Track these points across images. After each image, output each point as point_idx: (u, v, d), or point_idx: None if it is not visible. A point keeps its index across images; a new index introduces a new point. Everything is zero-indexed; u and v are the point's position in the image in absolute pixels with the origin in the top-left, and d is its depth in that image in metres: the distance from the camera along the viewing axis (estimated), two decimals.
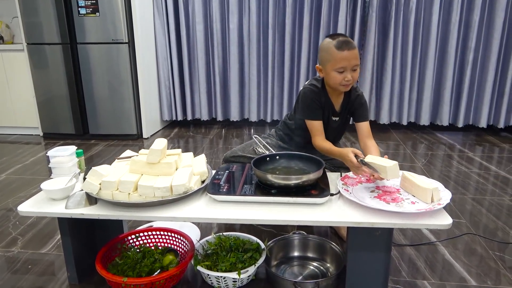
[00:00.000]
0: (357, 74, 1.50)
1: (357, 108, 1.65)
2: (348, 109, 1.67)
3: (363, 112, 1.65)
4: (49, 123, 3.47)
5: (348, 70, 1.48)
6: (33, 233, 1.82)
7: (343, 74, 1.48)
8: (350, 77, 1.48)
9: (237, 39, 3.54)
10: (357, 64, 1.48)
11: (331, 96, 1.63)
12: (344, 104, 1.65)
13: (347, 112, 1.68)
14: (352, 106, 1.66)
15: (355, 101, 1.65)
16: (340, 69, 1.48)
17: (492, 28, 3.22)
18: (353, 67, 1.48)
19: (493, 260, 1.57)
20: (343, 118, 1.70)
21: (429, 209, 1.19)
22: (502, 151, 3.01)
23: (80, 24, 3.16)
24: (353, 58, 1.46)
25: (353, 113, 1.68)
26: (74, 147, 1.63)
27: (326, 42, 1.51)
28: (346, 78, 1.48)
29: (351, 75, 1.48)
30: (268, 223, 1.24)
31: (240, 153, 1.78)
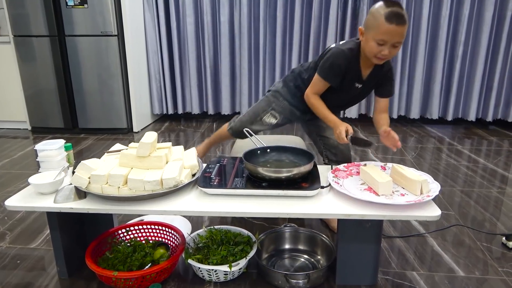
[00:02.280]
0: (396, 51, 1.42)
1: (385, 82, 1.59)
2: (376, 81, 1.60)
3: (389, 88, 1.60)
4: (38, 117, 3.42)
5: (388, 44, 1.38)
6: (21, 228, 1.80)
7: (381, 47, 1.39)
8: (387, 53, 1.40)
9: (228, 32, 3.51)
10: (400, 41, 1.38)
11: (362, 62, 1.54)
12: (373, 75, 1.57)
13: (373, 83, 1.61)
14: (380, 79, 1.59)
15: (385, 74, 1.58)
16: (381, 41, 1.38)
17: (482, 22, 3.25)
18: (395, 43, 1.38)
19: (480, 251, 1.60)
20: (366, 88, 1.62)
21: (418, 201, 1.20)
22: (490, 144, 3.05)
23: (68, 16, 3.11)
24: (399, 35, 1.36)
25: (378, 86, 1.61)
26: (62, 140, 1.61)
27: (378, 7, 1.38)
28: (383, 52, 1.40)
29: (389, 50, 1.40)
30: (259, 215, 1.24)
31: (249, 126, 1.71)
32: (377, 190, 1.27)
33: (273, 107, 1.73)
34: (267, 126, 1.76)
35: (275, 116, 1.70)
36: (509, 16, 3.19)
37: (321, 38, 3.44)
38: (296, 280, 1.33)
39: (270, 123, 1.71)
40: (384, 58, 1.43)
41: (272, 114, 1.70)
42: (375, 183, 1.27)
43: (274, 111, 1.71)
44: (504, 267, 1.49)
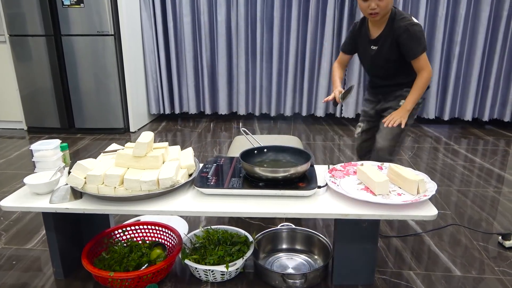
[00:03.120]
0: (384, 3, 1.45)
1: (403, 43, 1.54)
2: (389, 39, 1.57)
3: (407, 50, 1.54)
4: (34, 117, 3.40)
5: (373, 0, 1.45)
6: (17, 229, 1.79)
7: (367, 2, 1.46)
8: (375, 5, 1.45)
9: (225, 31, 3.51)
10: None
11: (370, 25, 1.60)
12: (384, 34, 1.57)
13: (388, 43, 1.58)
14: (395, 38, 1.55)
15: (399, 33, 1.53)
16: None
17: (478, 22, 3.26)
18: None
19: (477, 251, 1.60)
20: (383, 48, 1.60)
21: (415, 201, 1.20)
22: (487, 143, 3.06)
23: (64, 15, 3.09)
24: None
25: (399, 47, 1.57)
26: (58, 140, 1.60)
27: None
28: (371, 6, 1.46)
29: (375, 3, 1.44)
30: (256, 215, 1.24)
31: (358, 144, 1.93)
32: (374, 189, 1.27)
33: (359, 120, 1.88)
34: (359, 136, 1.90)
35: (359, 125, 1.84)
36: (505, 17, 3.20)
37: (318, 38, 3.44)
38: (293, 280, 1.33)
39: (359, 133, 1.86)
40: (375, 12, 1.48)
41: (358, 126, 1.86)
42: (372, 183, 1.27)
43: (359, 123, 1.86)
44: (500, 267, 1.49)
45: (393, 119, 1.55)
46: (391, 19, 1.55)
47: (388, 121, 1.56)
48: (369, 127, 1.82)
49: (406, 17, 1.54)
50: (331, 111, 3.70)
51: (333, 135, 3.30)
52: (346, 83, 3.54)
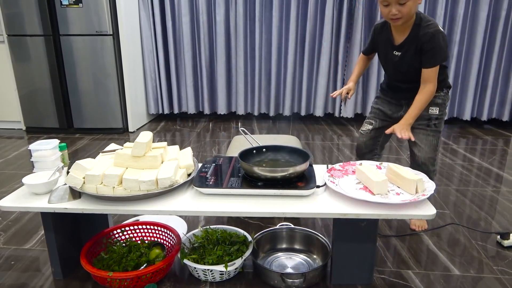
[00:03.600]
0: (407, 8, 1.39)
1: (426, 50, 1.48)
2: (414, 45, 1.51)
3: (427, 57, 1.49)
4: (32, 117, 3.40)
5: (393, 3, 1.39)
6: (16, 229, 1.79)
7: (388, 7, 1.41)
8: (396, 11, 1.39)
9: (224, 31, 3.51)
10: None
11: (393, 29, 1.55)
12: (409, 41, 1.51)
13: (412, 49, 1.52)
14: (419, 44, 1.49)
15: (424, 40, 1.47)
16: (384, 2, 1.41)
17: (476, 21, 3.26)
18: (397, 0, 1.38)
19: (476, 250, 1.60)
20: (406, 55, 1.54)
21: (413, 200, 1.20)
22: (485, 143, 3.07)
23: (62, 15, 3.09)
24: None
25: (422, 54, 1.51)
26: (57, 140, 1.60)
27: None
28: (391, 12, 1.40)
29: (397, 9, 1.39)
30: (255, 215, 1.24)
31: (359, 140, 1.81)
32: (373, 189, 1.27)
33: (367, 117, 1.80)
34: (367, 133, 1.78)
35: (370, 122, 1.76)
36: (503, 16, 3.20)
37: (317, 38, 3.44)
38: (292, 279, 1.33)
39: (367, 129, 1.76)
40: (396, 17, 1.42)
41: (367, 123, 1.77)
42: (371, 182, 1.27)
43: (368, 119, 1.78)
44: (498, 266, 1.50)
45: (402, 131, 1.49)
46: (416, 25, 1.48)
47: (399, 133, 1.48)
48: (382, 126, 1.73)
49: (433, 23, 1.47)
50: (330, 111, 3.70)
51: (332, 135, 3.30)
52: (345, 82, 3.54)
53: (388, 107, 1.73)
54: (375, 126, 1.74)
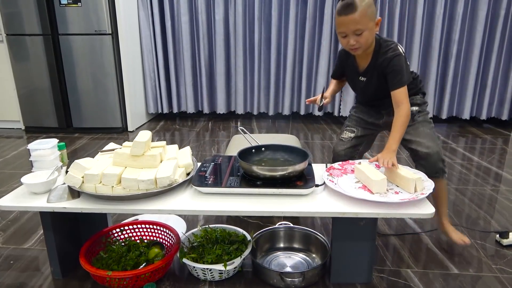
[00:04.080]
0: (363, 39, 1.40)
1: (388, 73, 1.48)
2: (376, 71, 1.52)
3: (391, 80, 1.48)
4: (31, 116, 3.40)
5: (350, 35, 1.39)
6: (15, 228, 1.79)
7: (346, 38, 1.42)
8: (353, 42, 1.40)
9: (223, 31, 3.50)
10: (357, 28, 1.37)
11: (357, 57, 1.56)
12: (371, 66, 1.53)
13: (376, 74, 1.53)
14: (380, 70, 1.51)
15: (384, 65, 1.48)
16: (342, 34, 1.41)
17: (476, 21, 3.26)
18: (354, 31, 1.38)
19: (475, 249, 1.60)
20: (371, 80, 1.55)
21: (412, 199, 1.20)
22: (484, 142, 3.07)
23: (61, 15, 3.08)
24: (351, 23, 1.36)
25: (386, 77, 1.51)
26: (55, 140, 1.60)
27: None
28: (350, 43, 1.41)
29: (354, 39, 1.40)
30: (254, 214, 1.24)
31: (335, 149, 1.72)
32: (372, 188, 1.27)
33: (347, 125, 1.73)
34: (348, 140, 1.69)
35: (351, 130, 1.69)
36: (502, 15, 3.20)
37: (316, 38, 3.44)
38: (291, 278, 1.33)
39: (349, 137, 1.69)
40: (355, 48, 1.43)
41: (348, 130, 1.70)
42: (370, 181, 1.28)
43: (349, 127, 1.71)
44: (497, 264, 1.50)
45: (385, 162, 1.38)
46: (376, 52, 1.50)
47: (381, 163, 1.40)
48: (364, 134, 1.69)
49: (392, 48, 1.47)
50: (329, 110, 3.70)
51: (331, 134, 3.30)
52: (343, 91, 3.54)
53: (368, 115, 1.70)
54: (357, 134, 1.68)
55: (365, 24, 1.37)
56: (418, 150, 1.50)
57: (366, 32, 1.39)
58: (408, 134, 1.53)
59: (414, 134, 1.54)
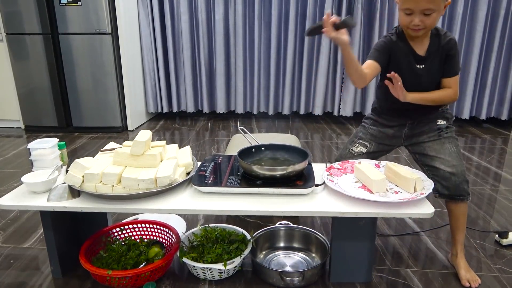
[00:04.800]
0: (431, 20, 1.27)
1: (451, 57, 1.37)
2: (438, 56, 1.38)
3: (451, 66, 1.37)
4: (31, 115, 3.40)
5: (417, 13, 1.26)
6: (15, 227, 1.79)
7: (410, 16, 1.28)
8: (418, 22, 1.27)
9: (223, 30, 3.50)
10: (428, 8, 1.24)
11: (411, 40, 1.38)
12: (432, 51, 1.37)
13: (437, 59, 1.38)
14: (444, 53, 1.37)
15: (448, 47, 1.36)
16: (407, 10, 1.28)
17: (475, 21, 3.26)
18: (423, 10, 1.25)
19: (474, 249, 1.61)
20: (432, 67, 1.38)
21: (412, 199, 1.20)
22: (484, 142, 3.07)
23: (61, 14, 3.08)
24: (425, 2, 1.24)
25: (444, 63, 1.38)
26: (55, 139, 1.60)
27: None
28: (413, 22, 1.28)
29: (420, 19, 1.27)
30: (254, 214, 1.24)
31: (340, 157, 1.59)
32: (371, 188, 1.27)
33: (360, 136, 1.56)
34: (358, 155, 1.54)
35: (364, 144, 1.54)
36: (502, 15, 3.21)
37: (316, 37, 3.44)
38: (291, 278, 1.34)
39: (360, 152, 1.54)
40: (418, 29, 1.30)
41: (360, 144, 1.55)
42: (369, 181, 1.28)
43: (361, 140, 1.55)
44: (497, 264, 1.50)
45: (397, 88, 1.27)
46: (435, 35, 1.37)
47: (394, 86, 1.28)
48: (377, 150, 1.54)
49: (448, 32, 1.38)
50: (329, 110, 3.70)
51: (331, 134, 3.30)
52: (344, 81, 3.55)
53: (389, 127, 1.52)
54: (369, 150, 1.53)
55: (438, 4, 1.25)
56: (441, 168, 1.38)
57: (435, 13, 1.26)
58: (432, 149, 1.43)
59: (439, 151, 1.42)
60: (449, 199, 1.42)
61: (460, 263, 1.44)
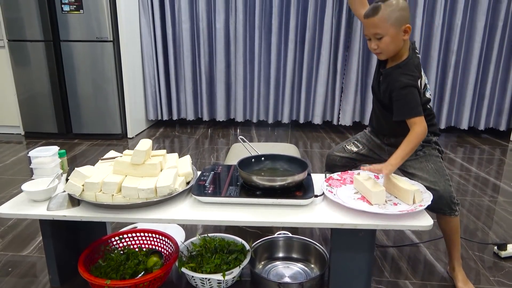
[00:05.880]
0: (383, 44, 1.35)
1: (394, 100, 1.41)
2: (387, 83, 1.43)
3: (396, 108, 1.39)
4: (31, 121, 3.40)
5: (372, 38, 1.37)
6: (13, 235, 1.79)
7: (369, 41, 1.39)
8: (374, 46, 1.37)
9: (224, 38, 3.53)
10: (376, 32, 1.34)
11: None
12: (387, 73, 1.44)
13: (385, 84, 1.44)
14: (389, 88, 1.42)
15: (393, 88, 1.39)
16: (366, 36, 1.40)
17: (474, 31, 3.29)
18: (374, 35, 1.35)
19: (473, 260, 1.61)
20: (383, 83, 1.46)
21: (410, 211, 1.21)
22: (483, 152, 3.08)
23: (63, 21, 3.10)
24: (371, 27, 1.34)
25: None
26: (56, 147, 1.60)
27: None
28: (371, 46, 1.39)
29: (375, 43, 1.36)
30: (253, 224, 1.24)
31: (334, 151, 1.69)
32: (370, 199, 1.28)
33: (357, 138, 1.68)
34: (349, 152, 1.65)
35: (357, 145, 1.65)
36: (500, 26, 3.24)
37: (316, 46, 3.47)
38: None
39: (350, 150, 1.65)
40: (377, 53, 1.40)
41: (354, 144, 1.65)
42: (369, 192, 1.28)
43: (357, 141, 1.66)
44: (495, 276, 1.50)
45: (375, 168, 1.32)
46: (397, 67, 1.40)
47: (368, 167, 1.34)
48: (366, 154, 1.64)
49: (412, 76, 1.37)
50: (328, 119, 3.71)
51: (330, 143, 3.31)
52: (344, 90, 3.56)
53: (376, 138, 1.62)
54: (359, 151, 1.64)
55: (385, 29, 1.32)
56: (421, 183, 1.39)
57: (386, 37, 1.34)
58: (411, 167, 1.46)
59: (417, 169, 1.45)
60: (432, 211, 1.40)
61: (458, 275, 1.45)
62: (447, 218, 1.41)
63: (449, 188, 1.39)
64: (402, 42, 1.37)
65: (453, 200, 1.39)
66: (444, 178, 1.41)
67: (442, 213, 1.40)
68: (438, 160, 1.47)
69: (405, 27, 1.34)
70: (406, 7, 1.35)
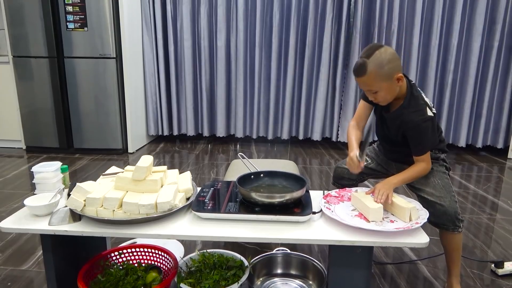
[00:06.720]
0: (380, 96, 1.39)
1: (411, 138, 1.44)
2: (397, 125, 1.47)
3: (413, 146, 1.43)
4: (33, 136, 3.43)
5: (368, 92, 1.41)
6: (13, 249, 1.79)
7: (367, 93, 1.43)
8: (372, 98, 1.42)
9: (225, 56, 3.59)
10: (369, 89, 1.38)
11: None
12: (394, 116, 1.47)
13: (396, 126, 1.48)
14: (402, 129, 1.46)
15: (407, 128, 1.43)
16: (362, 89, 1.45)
17: (470, 51, 3.36)
18: (368, 91, 1.40)
19: (471, 279, 1.61)
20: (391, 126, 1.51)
21: (407, 228, 1.22)
22: (481, 170, 3.10)
23: (67, 38, 3.17)
24: (363, 85, 1.39)
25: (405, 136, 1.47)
26: (59, 162, 1.63)
27: None
28: (370, 97, 1.43)
29: (373, 96, 1.41)
30: (252, 241, 1.25)
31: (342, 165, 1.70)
32: (368, 216, 1.29)
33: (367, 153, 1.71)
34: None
35: (366, 160, 1.66)
36: (496, 47, 3.30)
37: (315, 64, 3.53)
38: None
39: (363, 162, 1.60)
40: (379, 102, 1.43)
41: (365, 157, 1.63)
42: (366, 209, 1.30)
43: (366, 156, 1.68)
44: None
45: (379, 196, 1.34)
46: (404, 107, 1.42)
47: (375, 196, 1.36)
48: (375, 169, 1.68)
49: (420, 111, 1.40)
50: (327, 135, 3.75)
51: (329, 159, 3.33)
52: (342, 107, 3.60)
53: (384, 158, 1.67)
54: (368, 164, 1.67)
55: (377, 85, 1.35)
56: (427, 198, 1.45)
57: (380, 92, 1.37)
58: (418, 183, 1.49)
59: (424, 184, 1.48)
60: (435, 226, 1.45)
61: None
62: (450, 234, 1.43)
63: (455, 205, 1.42)
64: (398, 89, 1.39)
65: (457, 216, 1.42)
66: (450, 194, 1.44)
67: (446, 228, 1.42)
68: (445, 176, 1.51)
69: (397, 77, 1.35)
70: (393, 57, 1.33)
